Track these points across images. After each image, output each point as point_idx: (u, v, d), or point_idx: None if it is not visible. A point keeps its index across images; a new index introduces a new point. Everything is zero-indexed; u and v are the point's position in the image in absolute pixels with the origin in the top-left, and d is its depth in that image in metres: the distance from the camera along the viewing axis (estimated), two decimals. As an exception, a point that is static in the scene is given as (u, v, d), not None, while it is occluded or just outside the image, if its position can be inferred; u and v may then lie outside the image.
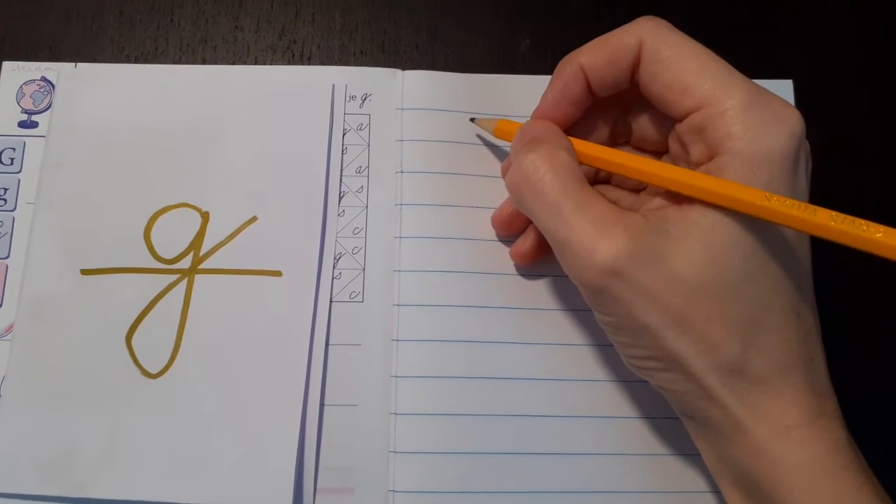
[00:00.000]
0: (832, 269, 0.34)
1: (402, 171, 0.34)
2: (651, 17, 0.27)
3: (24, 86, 0.35)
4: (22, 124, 0.35)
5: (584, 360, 0.33)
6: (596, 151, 0.28)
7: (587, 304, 0.27)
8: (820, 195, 0.35)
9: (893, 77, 0.38)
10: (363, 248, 0.34)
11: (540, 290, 0.33)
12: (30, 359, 0.31)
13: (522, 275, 0.33)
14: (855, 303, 0.35)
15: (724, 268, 0.24)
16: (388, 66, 0.36)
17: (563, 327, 0.33)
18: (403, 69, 0.36)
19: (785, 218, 0.23)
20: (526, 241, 0.32)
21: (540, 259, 0.32)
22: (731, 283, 0.24)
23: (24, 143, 0.34)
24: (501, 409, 0.32)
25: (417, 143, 0.34)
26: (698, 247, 0.24)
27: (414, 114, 0.35)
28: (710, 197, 0.24)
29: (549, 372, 0.32)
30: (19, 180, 0.34)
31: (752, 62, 0.37)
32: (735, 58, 0.37)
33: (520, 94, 0.35)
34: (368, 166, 0.35)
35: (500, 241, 0.34)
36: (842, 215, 0.22)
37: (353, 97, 0.35)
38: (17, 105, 0.35)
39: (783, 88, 0.36)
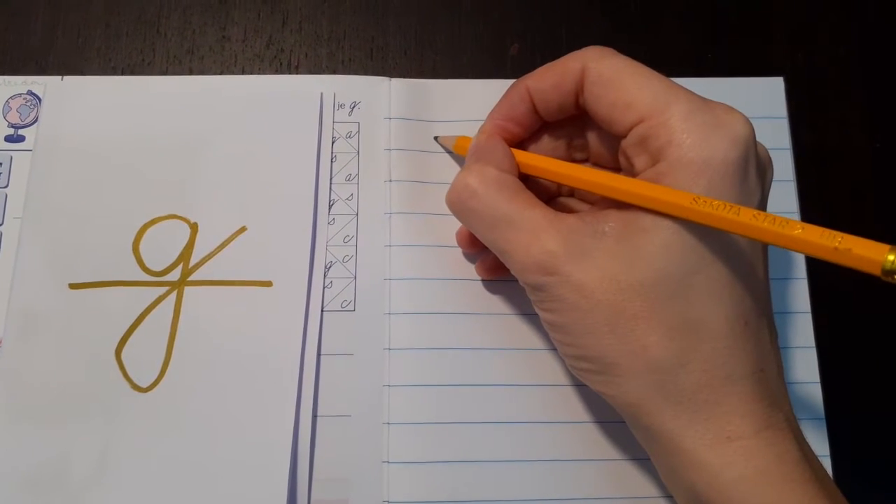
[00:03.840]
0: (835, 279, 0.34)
1: (390, 180, 0.34)
2: (596, 46, 0.27)
3: (10, 100, 0.35)
4: (9, 138, 0.34)
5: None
6: (533, 161, 0.29)
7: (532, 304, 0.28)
8: (812, 194, 0.35)
9: (886, 73, 0.37)
10: (354, 257, 0.33)
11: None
12: (18, 374, 0.31)
13: (513, 281, 0.33)
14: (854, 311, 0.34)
15: (657, 269, 0.24)
16: (377, 73, 0.36)
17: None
18: (392, 76, 0.36)
19: (712, 219, 0.22)
20: (488, 257, 0.32)
21: (504, 273, 0.32)
22: (665, 285, 0.24)
23: (11, 158, 0.34)
24: (496, 417, 0.31)
25: (405, 152, 0.34)
26: (631, 246, 0.24)
27: (401, 123, 0.35)
28: (638, 200, 0.24)
29: (546, 378, 0.32)
30: (6, 195, 0.34)
31: (743, 60, 0.37)
32: (726, 56, 0.37)
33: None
34: (358, 174, 0.34)
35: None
36: (763, 214, 0.22)
37: (341, 105, 0.35)
38: (3, 119, 0.35)
39: (774, 86, 0.36)
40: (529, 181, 0.29)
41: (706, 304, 0.24)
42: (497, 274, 0.32)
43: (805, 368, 0.33)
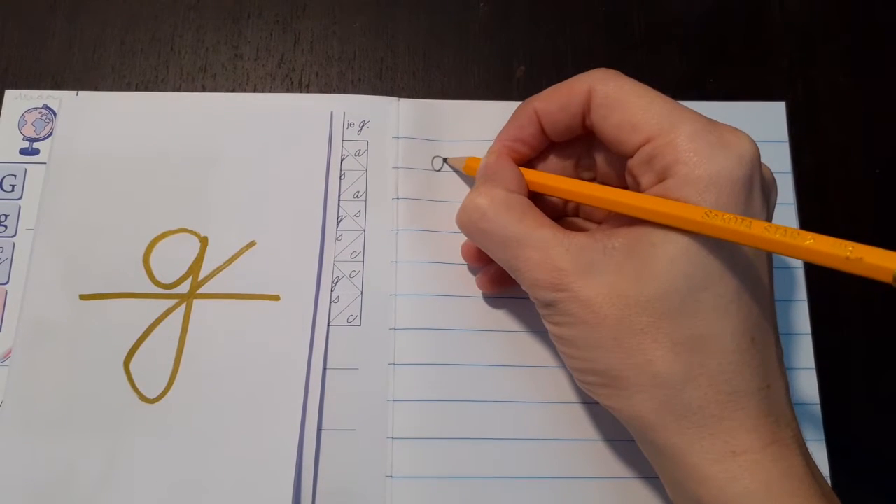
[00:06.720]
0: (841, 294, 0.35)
1: (397, 198, 0.35)
2: (602, 68, 0.28)
3: (26, 113, 0.36)
4: (23, 151, 0.35)
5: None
6: (543, 179, 0.29)
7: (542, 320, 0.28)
8: (813, 218, 0.35)
9: (885, 99, 0.38)
10: (361, 272, 0.34)
11: (536, 313, 0.33)
12: (28, 384, 0.31)
13: (518, 298, 0.33)
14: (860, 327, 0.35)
15: (664, 284, 0.24)
16: (386, 93, 0.37)
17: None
18: (400, 96, 0.36)
19: (724, 232, 0.23)
20: (489, 271, 0.33)
21: (504, 287, 0.32)
22: (671, 300, 0.24)
23: (26, 170, 0.35)
24: (499, 434, 0.32)
25: (412, 170, 0.35)
26: (638, 262, 0.25)
27: (408, 142, 0.35)
28: (651, 216, 0.25)
29: (546, 395, 0.32)
30: (20, 207, 0.34)
31: (744, 86, 0.38)
32: (727, 81, 0.38)
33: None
34: (366, 191, 0.35)
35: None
36: (775, 226, 0.22)
37: (350, 124, 0.36)
38: (18, 132, 0.35)
39: (776, 110, 0.37)
40: (537, 200, 0.30)
41: (712, 319, 0.24)
42: (496, 287, 0.33)
43: (805, 389, 0.33)
